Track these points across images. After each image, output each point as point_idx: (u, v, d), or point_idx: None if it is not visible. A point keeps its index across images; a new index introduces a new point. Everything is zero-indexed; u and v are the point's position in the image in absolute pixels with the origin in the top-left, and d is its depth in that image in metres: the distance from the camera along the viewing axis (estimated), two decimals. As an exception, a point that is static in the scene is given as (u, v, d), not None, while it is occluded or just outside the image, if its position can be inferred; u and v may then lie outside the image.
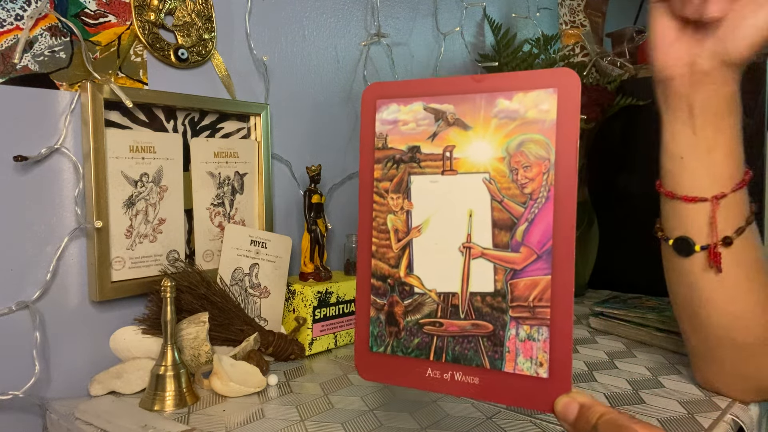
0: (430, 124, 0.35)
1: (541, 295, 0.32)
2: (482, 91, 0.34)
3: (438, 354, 0.35)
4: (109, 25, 0.70)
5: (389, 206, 0.36)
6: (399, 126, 0.36)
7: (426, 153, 0.35)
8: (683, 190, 0.55)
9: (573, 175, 0.32)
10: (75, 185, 0.67)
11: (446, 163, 0.35)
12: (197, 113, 0.78)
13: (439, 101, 0.35)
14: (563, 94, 0.32)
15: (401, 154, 0.36)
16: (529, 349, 0.33)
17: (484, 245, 0.34)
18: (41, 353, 0.65)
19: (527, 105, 0.33)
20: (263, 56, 0.86)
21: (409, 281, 0.35)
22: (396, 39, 1.08)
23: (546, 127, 0.33)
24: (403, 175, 0.36)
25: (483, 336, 0.34)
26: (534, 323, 0.32)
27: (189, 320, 0.69)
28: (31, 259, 0.65)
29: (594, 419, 0.31)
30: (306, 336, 0.78)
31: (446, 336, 0.34)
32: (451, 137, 0.35)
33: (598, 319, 0.89)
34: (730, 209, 0.55)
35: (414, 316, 0.35)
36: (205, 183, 0.79)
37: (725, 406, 0.60)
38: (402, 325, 0.35)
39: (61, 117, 0.66)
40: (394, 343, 0.36)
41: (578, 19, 1.50)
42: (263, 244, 0.80)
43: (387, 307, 0.36)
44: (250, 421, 0.58)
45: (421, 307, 0.35)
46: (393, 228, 0.36)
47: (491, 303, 0.33)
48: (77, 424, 0.58)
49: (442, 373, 0.34)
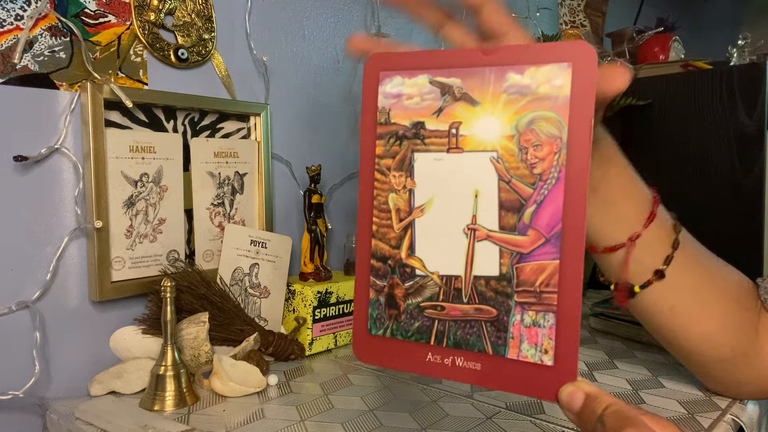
0: (435, 98, 0.33)
1: (548, 281, 0.31)
2: (492, 64, 0.32)
3: (439, 338, 0.33)
4: (109, 25, 0.70)
5: (391, 184, 0.34)
6: (403, 100, 0.34)
7: (431, 129, 0.33)
8: (601, 244, 0.55)
9: (586, 156, 0.30)
10: (75, 185, 0.67)
11: (452, 140, 0.33)
12: (197, 113, 0.78)
13: (446, 74, 0.33)
14: (578, 69, 0.30)
15: (404, 130, 0.34)
16: (534, 336, 0.31)
17: (489, 227, 0.32)
18: (41, 353, 0.65)
19: (539, 80, 0.31)
20: (263, 56, 0.86)
21: (411, 263, 0.34)
22: (396, 39, 1.08)
23: (559, 104, 0.31)
24: (407, 153, 0.34)
25: (486, 321, 0.32)
26: (540, 309, 0.31)
27: (189, 320, 0.69)
28: (31, 259, 0.65)
29: (600, 410, 0.30)
30: (306, 336, 0.78)
31: (448, 320, 0.33)
32: (457, 113, 0.33)
33: (598, 319, 0.89)
34: (651, 243, 0.53)
35: (415, 299, 0.34)
36: (205, 183, 0.79)
37: (725, 406, 0.60)
38: (402, 307, 0.34)
39: (61, 117, 0.66)
40: (393, 326, 0.34)
41: (578, 19, 1.50)
42: (263, 244, 0.80)
43: (387, 289, 0.34)
44: (250, 421, 0.58)
45: (422, 290, 0.34)
46: (395, 207, 0.34)
47: (496, 287, 0.32)
48: (77, 424, 0.58)
49: (442, 357, 0.33)
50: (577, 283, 0.31)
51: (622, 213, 0.53)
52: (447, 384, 0.68)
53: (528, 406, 0.61)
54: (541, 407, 0.61)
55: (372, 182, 0.35)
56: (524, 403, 0.62)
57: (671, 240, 0.54)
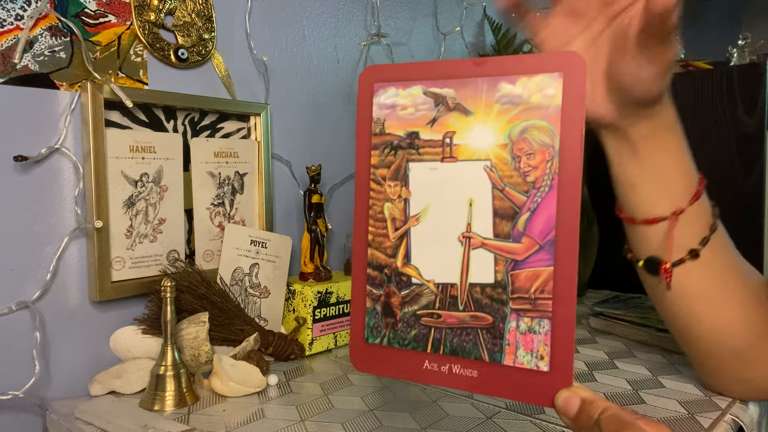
0: (429, 108, 0.34)
1: (542, 287, 0.31)
2: (484, 75, 0.33)
3: (435, 346, 0.34)
4: (109, 25, 0.70)
5: (386, 194, 0.35)
6: (397, 110, 0.35)
7: (425, 139, 0.34)
8: (642, 215, 0.54)
9: (578, 164, 0.31)
10: (75, 185, 0.67)
11: (446, 149, 0.33)
12: (197, 113, 0.78)
13: (439, 85, 0.34)
14: (569, 79, 0.31)
15: (399, 140, 0.35)
16: (529, 342, 0.32)
17: (484, 235, 0.33)
18: (41, 353, 0.65)
19: (531, 90, 0.32)
20: (263, 56, 0.86)
21: (407, 271, 0.34)
22: (396, 39, 1.08)
23: (550, 113, 0.31)
24: (401, 162, 0.34)
25: (482, 328, 0.33)
26: (535, 315, 0.32)
27: (189, 320, 0.69)
28: (31, 259, 0.65)
29: (596, 414, 0.30)
30: (306, 336, 0.78)
31: (444, 328, 0.33)
32: (451, 123, 0.33)
33: (598, 319, 0.89)
34: (692, 222, 0.54)
35: (411, 307, 0.34)
36: (205, 183, 0.79)
37: (725, 406, 0.60)
38: (399, 316, 0.34)
39: (61, 117, 0.66)
40: (390, 334, 0.35)
41: (578, 19, 1.50)
42: (263, 244, 0.80)
43: (383, 297, 0.35)
44: (250, 421, 0.58)
45: (418, 298, 0.34)
46: (390, 216, 0.35)
47: (491, 294, 0.33)
48: (77, 424, 0.58)
49: (439, 365, 0.33)
50: (572, 289, 0.31)
51: (671, 185, 0.53)
52: (447, 384, 0.68)
53: (528, 406, 0.61)
54: (541, 408, 0.61)
55: (368, 192, 0.35)
56: (524, 403, 0.62)
57: (710, 223, 0.55)
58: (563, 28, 0.51)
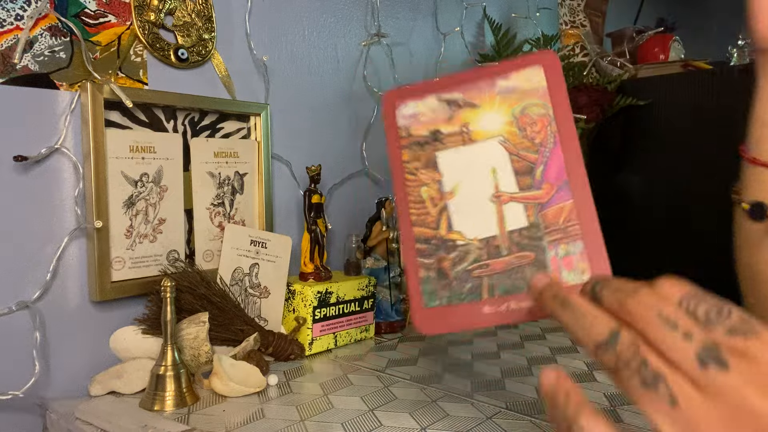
0: (444, 110, 0.41)
1: (569, 217, 0.38)
2: (483, 77, 0.41)
3: (491, 291, 0.38)
4: (109, 25, 0.70)
5: (421, 180, 0.41)
6: (419, 117, 0.42)
7: (446, 133, 0.41)
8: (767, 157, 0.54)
9: (570, 122, 0.39)
10: (75, 185, 0.67)
11: (465, 136, 0.41)
12: (197, 113, 0.78)
13: (449, 92, 0.42)
14: (548, 68, 0.40)
15: (425, 138, 0.41)
16: (570, 263, 0.37)
17: (511, 191, 0.39)
18: (41, 353, 0.65)
19: (521, 80, 0.40)
20: (263, 56, 0.86)
21: (452, 237, 0.39)
22: (396, 39, 1.08)
23: (540, 93, 0.40)
24: (430, 154, 0.41)
25: (527, 265, 0.38)
26: (569, 240, 0.37)
27: (189, 320, 0.69)
28: (31, 259, 0.65)
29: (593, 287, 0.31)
30: (306, 336, 0.78)
31: (495, 274, 0.38)
32: (464, 116, 0.41)
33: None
34: None
35: (461, 265, 0.39)
36: (205, 183, 0.79)
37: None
38: (451, 276, 0.39)
39: (61, 117, 0.66)
40: (447, 293, 0.39)
41: (578, 19, 1.50)
42: (263, 244, 0.80)
43: (435, 264, 0.39)
44: (250, 421, 0.58)
45: (466, 256, 0.39)
46: (428, 197, 0.40)
47: (528, 235, 0.38)
48: (77, 424, 0.58)
49: (497, 306, 0.38)
50: (591, 212, 0.38)
51: None
52: (447, 384, 0.68)
53: (528, 406, 0.61)
54: (541, 407, 0.61)
55: (404, 183, 0.41)
56: (524, 403, 0.62)
57: None
58: None
